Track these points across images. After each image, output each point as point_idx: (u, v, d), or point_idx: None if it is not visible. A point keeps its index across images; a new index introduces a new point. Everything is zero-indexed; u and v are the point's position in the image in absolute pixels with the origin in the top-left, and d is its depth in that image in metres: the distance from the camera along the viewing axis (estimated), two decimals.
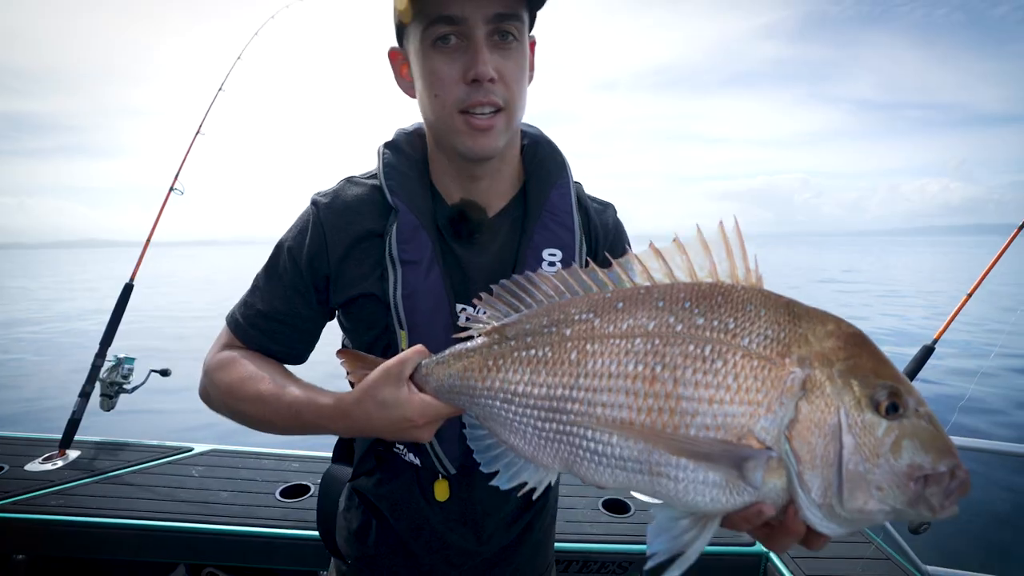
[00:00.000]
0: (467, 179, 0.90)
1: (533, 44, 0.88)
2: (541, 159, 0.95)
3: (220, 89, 2.92)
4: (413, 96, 0.87)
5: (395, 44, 0.89)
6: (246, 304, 0.94)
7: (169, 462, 2.36)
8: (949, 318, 2.02)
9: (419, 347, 0.76)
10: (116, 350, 2.58)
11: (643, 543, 1.91)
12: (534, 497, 0.69)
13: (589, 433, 0.63)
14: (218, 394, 0.89)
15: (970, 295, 2.01)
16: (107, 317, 2.57)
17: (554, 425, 0.65)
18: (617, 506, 2.13)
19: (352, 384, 0.81)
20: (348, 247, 0.89)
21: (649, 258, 0.65)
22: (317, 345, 1.00)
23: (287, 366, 0.94)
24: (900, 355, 2.17)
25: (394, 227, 0.87)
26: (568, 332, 0.66)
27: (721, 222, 0.62)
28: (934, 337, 2.03)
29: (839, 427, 0.55)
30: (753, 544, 1.90)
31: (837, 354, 0.57)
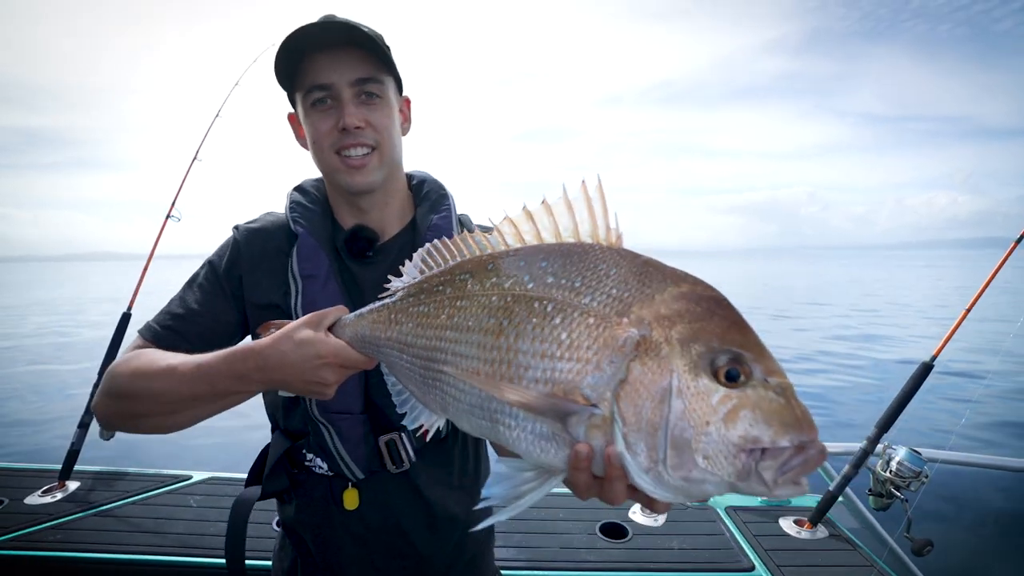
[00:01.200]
0: (358, 212, 1.06)
1: (408, 102, 1.10)
2: (426, 192, 1.12)
3: (217, 115, 2.94)
4: (308, 149, 1.04)
5: (291, 110, 1.07)
6: (161, 312, 1.02)
7: (168, 491, 2.36)
8: (947, 335, 2.00)
9: (340, 306, 0.84)
10: None
11: (643, 569, 1.92)
12: (427, 439, 0.79)
13: (450, 381, 0.68)
14: (121, 384, 0.87)
15: (968, 311, 1.99)
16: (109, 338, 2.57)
17: (431, 373, 0.71)
18: (615, 531, 2.11)
19: None
20: (258, 259, 1.03)
21: (521, 221, 0.67)
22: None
23: None
24: (903, 373, 2.15)
25: (296, 248, 1.02)
26: (448, 291, 0.72)
27: (584, 182, 0.62)
28: (932, 354, 2.01)
29: (669, 391, 0.53)
30: (752, 569, 1.89)
31: (681, 316, 0.55)
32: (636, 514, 2.22)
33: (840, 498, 2.14)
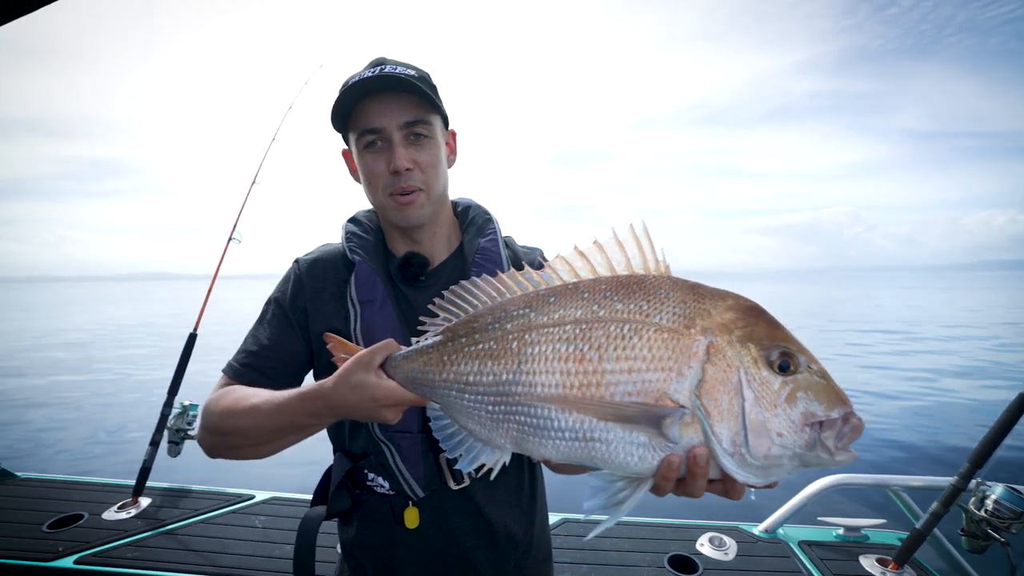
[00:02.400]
0: (409, 241, 1.12)
1: (454, 134, 1.14)
2: (472, 218, 1.17)
3: (273, 139, 3.04)
4: (360, 184, 1.11)
5: (344, 147, 1.14)
6: (239, 351, 1.08)
7: (232, 511, 2.42)
8: None
9: (389, 340, 0.86)
10: (183, 396, 2.69)
11: None
12: (491, 477, 0.79)
13: (531, 410, 0.71)
14: (216, 421, 0.96)
15: None
16: (176, 357, 2.67)
17: (502, 408, 0.74)
18: (684, 564, 2.03)
19: (337, 365, 0.92)
20: (319, 289, 1.09)
21: (575, 258, 0.74)
22: None
23: None
24: (992, 406, 1.98)
25: (353, 275, 1.08)
26: (509, 326, 0.75)
27: (631, 224, 0.72)
28: None
29: (740, 384, 0.63)
30: None
31: (735, 323, 0.66)
32: (704, 546, 2.13)
33: (928, 537, 1.99)
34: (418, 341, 0.85)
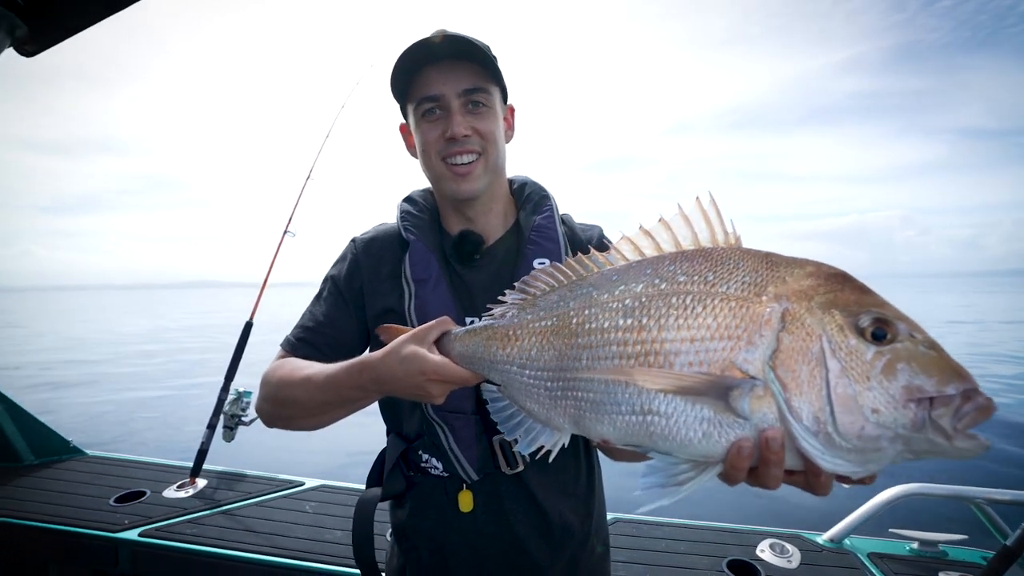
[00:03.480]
0: (464, 218, 1.10)
1: (512, 110, 1.13)
2: (528, 195, 1.14)
3: (327, 136, 3.13)
4: (417, 159, 1.09)
5: (402, 121, 1.12)
6: (296, 326, 1.10)
7: (283, 496, 2.46)
8: None
9: (444, 318, 0.85)
10: (238, 384, 2.77)
11: None
12: (550, 460, 0.76)
13: (588, 384, 0.68)
14: (272, 392, 0.98)
15: None
16: (231, 352, 2.77)
17: (560, 384, 0.72)
18: (744, 570, 1.93)
19: None
20: (375, 269, 1.09)
21: (640, 238, 0.71)
22: None
23: None
24: None
25: (407, 254, 1.06)
26: (572, 304, 0.74)
27: (698, 197, 0.68)
28: None
29: (823, 353, 0.55)
30: None
31: (816, 290, 0.58)
32: (765, 552, 2.02)
33: (1020, 559, 1.82)
34: (477, 320, 0.84)
